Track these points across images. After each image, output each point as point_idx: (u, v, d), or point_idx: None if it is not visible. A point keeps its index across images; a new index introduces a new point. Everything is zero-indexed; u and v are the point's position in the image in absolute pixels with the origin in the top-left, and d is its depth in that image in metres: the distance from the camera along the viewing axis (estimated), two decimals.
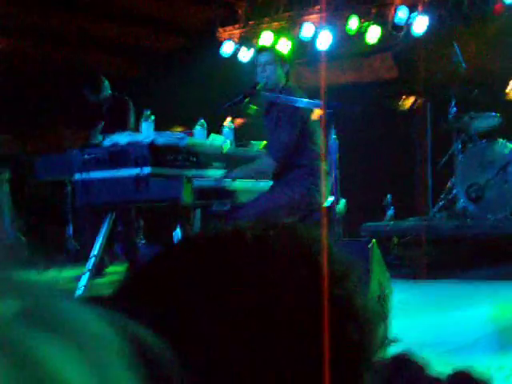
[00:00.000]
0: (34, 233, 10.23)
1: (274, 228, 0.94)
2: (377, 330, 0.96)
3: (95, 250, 6.34)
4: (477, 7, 10.64)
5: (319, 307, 0.86)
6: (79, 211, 8.65)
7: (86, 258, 6.64)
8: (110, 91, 8.91)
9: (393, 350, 1.09)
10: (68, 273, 8.69)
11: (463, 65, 9.34)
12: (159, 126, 6.57)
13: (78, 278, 6.57)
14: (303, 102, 6.12)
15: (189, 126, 7.36)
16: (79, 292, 6.02)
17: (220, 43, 12.51)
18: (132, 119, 8.65)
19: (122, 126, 8.01)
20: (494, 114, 9.20)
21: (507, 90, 10.60)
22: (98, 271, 7.24)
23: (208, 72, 12.85)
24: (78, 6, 12.35)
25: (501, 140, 8.85)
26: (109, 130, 7.64)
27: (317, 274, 0.88)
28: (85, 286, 6.16)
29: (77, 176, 6.18)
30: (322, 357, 0.84)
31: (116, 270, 8.95)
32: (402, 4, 11.18)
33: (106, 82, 8.91)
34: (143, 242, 10.15)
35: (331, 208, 6.02)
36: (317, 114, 6.46)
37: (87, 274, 6.26)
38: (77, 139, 10.48)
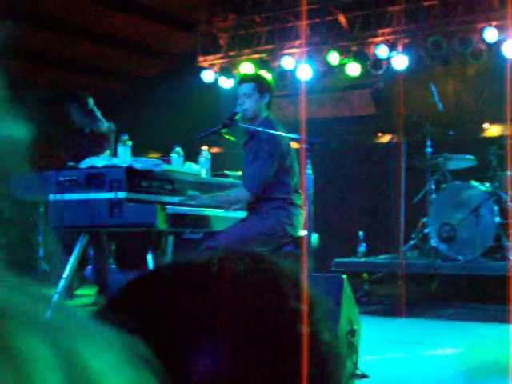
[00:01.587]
0: (3, 252, 10.14)
1: (245, 259, 0.94)
2: (342, 366, 0.96)
3: (66, 273, 6.30)
4: (456, 49, 10.76)
5: (283, 341, 0.87)
6: (51, 232, 8.59)
7: (56, 280, 6.59)
8: (93, 111, 8.82)
9: None
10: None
11: (440, 105, 9.43)
12: (135, 151, 6.57)
13: None
14: (282, 135, 6.13)
15: (165, 152, 7.36)
16: (48, 314, 5.97)
17: (201, 70, 12.55)
18: (113, 144, 8.61)
19: (102, 150, 7.99)
20: (468, 155, 9.28)
21: (484, 127, 10.72)
22: (67, 293, 7.19)
23: (188, 98, 12.89)
24: (62, 26, 12.36)
25: (474, 182, 8.93)
26: (90, 153, 7.64)
27: (283, 308, 0.89)
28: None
29: (51, 197, 6.15)
30: None
31: (85, 293, 8.90)
32: (382, 42, 11.29)
33: (91, 102, 8.84)
34: (113, 266, 10.11)
35: (303, 241, 6.04)
36: (294, 147, 6.48)
37: (56, 297, 6.22)
38: (55, 159, 10.43)
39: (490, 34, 10.43)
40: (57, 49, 13.01)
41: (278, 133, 6.10)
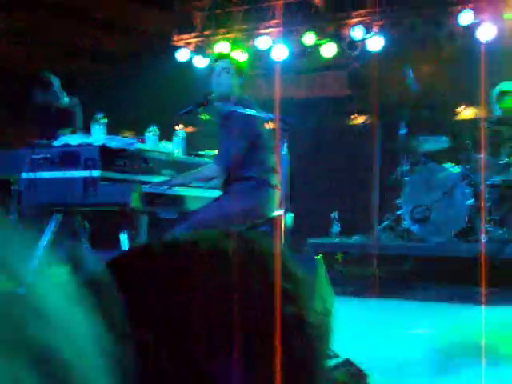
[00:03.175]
0: None
1: (233, 239, 0.94)
2: (324, 345, 0.97)
3: (39, 251, 6.27)
4: (431, 31, 10.78)
5: (269, 322, 0.87)
6: (24, 211, 8.53)
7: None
8: (59, 90, 8.77)
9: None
10: None
11: (415, 87, 9.45)
12: (110, 130, 6.54)
13: None
14: (257, 114, 6.13)
15: (139, 131, 7.33)
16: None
17: (176, 49, 12.49)
18: (80, 119, 8.56)
19: (70, 126, 7.94)
20: (443, 137, 9.31)
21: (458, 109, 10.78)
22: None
23: (162, 77, 12.82)
24: (35, 3, 12.24)
25: (448, 163, 8.97)
26: (58, 129, 7.57)
27: (269, 289, 0.89)
28: None
29: (24, 175, 6.12)
30: (271, 373, 0.85)
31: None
32: (357, 24, 11.29)
33: (56, 81, 8.78)
34: (87, 245, 10.06)
35: (279, 221, 6.04)
36: (270, 127, 6.48)
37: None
38: (25, 137, 10.34)
39: (465, 17, 10.46)
40: (32, 27, 12.88)
41: (253, 112, 6.10)
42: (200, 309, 0.86)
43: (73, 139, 6.13)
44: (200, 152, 7.42)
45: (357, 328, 6.11)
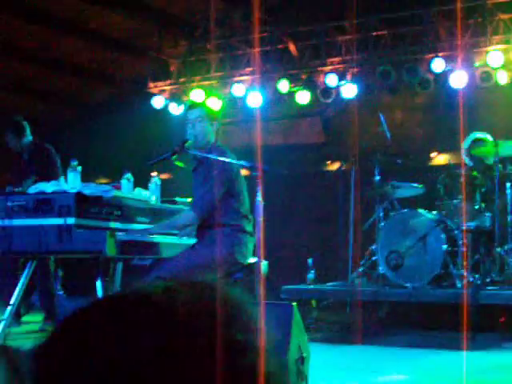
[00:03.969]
0: None
1: (193, 288, 0.94)
2: None
3: (13, 299, 6.22)
4: (404, 79, 10.91)
5: (228, 373, 0.86)
6: None
7: (2, 306, 6.50)
8: (30, 137, 8.76)
9: None
10: None
11: (388, 134, 9.53)
12: (85, 176, 6.53)
13: None
14: (232, 161, 6.15)
15: (115, 178, 7.33)
16: None
17: (151, 96, 12.54)
18: (59, 166, 8.54)
19: (45, 174, 7.91)
20: (416, 184, 9.38)
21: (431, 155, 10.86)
22: (14, 320, 7.09)
23: (137, 124, 12.87)
24: (7, 49, 12.26)
25: (422, 210, 9.02)
26: (32, 177, 7.56)
27: (227, 338, 0.89)
28: (0, 335, 6.04)
29: None
30: None
31: (32, 320, 8.79)
32: (331, 71, 11.40)
33: (28, 128, 8.77)
34: (61, 292, 10.00)
35: (253, 268, 6.04)
36: (244, 174, 6.50)
37: (3, 323, 6.13)
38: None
39: (437, 65, 10.60)
40: (4, 72, 12.89)
41: (227, 159, 6.12)
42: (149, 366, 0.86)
43: (48, 186, 6.11)
44: (174, 199, 7.43)
45: (333, 375, 6.09)
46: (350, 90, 11.31)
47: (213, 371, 0.85)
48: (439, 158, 11.80)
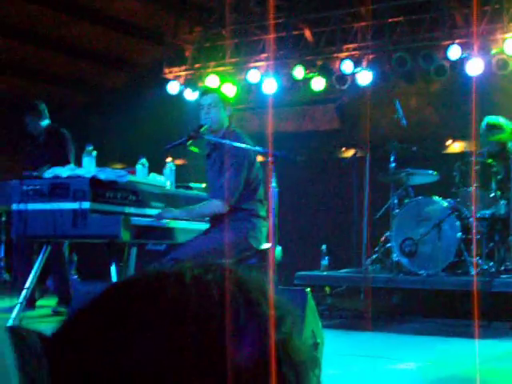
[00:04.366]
0: None
1: (214, 270, 0.94)
2: (310, 374, 0.96)
3: (28, 283, 6.25)
4: (420, 65, 10.86)
5: (257, 350, 0.87)
6: (14, 242, 8.52)
7: (17, 290, 6.54)
8: (48, 120, 8.78)
9: None
10: None
11: (404, 121, 9.49)
12: (100, 161, 6.55)
13: (9, 310, 6.48)
14: (248, 146, 6.15)
15: (130, 163, 7.35)
16: (10, 324, 5.92)
17: (166, 82, 12.53)
18: (72, 152, 8.55)
19: (61, 158, 7.94)
20: (431, 171, 9.34)
21: (447, 143, 10.82)
22: (29, 304, 7.14)
23: (153, 109, 12.86)
24: (24, 35, 12.28)
25: (436, 197, 8.99)
26: (47, 162, 7.57)
27: (256, 318, 0.89)
28: (15, 319, 6.07)
29: (14, 206, 6.11)
30: None
31: (47, 304, 8.84)
32: (346, 58, 11.36)
33: (46, 111, 8.79)
34: (75, 276, 10.05)
35: (267, 254, 6.04)
36: (258, 160, 6.50)
37: (18, 307, 6.17)
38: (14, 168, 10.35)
39: (454, 52, 10.54)
40: (21, 58, 12.93)
41: (242, 145, 6.12)
42: (185, 340, 0.86)
43: (63, 171, 6.13)
44: (189, 184, 7.44)
45: (345, 362, 6.10)
46: (365, 77, 11.26)
47: (251, 343, 0.85)
48: (454, 146, 11.75)
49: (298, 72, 11.66)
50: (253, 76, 11.93)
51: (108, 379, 0.84)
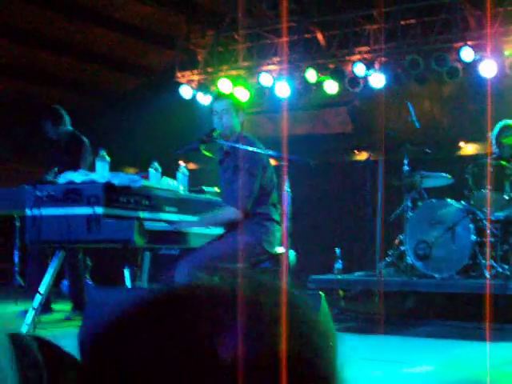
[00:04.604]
0: None
1: (234, 277, 0.93)
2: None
3: (42, 288, 6.27)
4: (432, 68, 10.84)
5: (278, 363, 0.85)
6: (28, 247, 8.54)
7: (32, 295, 6.56)
8: (69, 127, 8.82)
9: None
10: (12, 308, 8.60)
11: (417, 124, 9.47)
12: (113, 166, 6.56)
13: (23, 315, 6.50)
14: (261, 151, 6.14)
15: (143, 168, 7.35)
16: (24, 329, 5.95)
17: (179, 86, 12.55)
18: (89, 159, 8.56)
19: (76, 165, 7.96)
20: (444, 174, 9.32)
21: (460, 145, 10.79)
22: (44, 308, 7.15)
23: (165, 113, 12.89)
24: (38, 40, 12.34)
25: (450, 200, 8.96)
26: (64, 167, 7.60)
27: (270, 321, 0.88)
28: (29, 324, 6.09)
29: (28, 211, 6.13)
30: None
31: (61, 309, 8.85)
32: (359, 60, 11.35)
33: (67, 117, 8.83)
34: (90, 281, 10.05)
35: (281, 258, 6.04)
36: (272, 164, 6.50)
37: (32, 312, 6.18)
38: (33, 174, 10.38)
39: (467, 54, 10.52)
40: (34, 63, 12.98)
41: (255, 149, 6.11)
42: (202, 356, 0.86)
43: (77, 176, 6.15)
44: (202, 188, 7.44)
45: (360, 366, 6.08)
46: (377, 80, 11.25)
47: (272, 356, 0.85)
48: (468, 148, 11.73)
49: (311, 75, 11.66)
50: (265, 80, 11.93)
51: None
